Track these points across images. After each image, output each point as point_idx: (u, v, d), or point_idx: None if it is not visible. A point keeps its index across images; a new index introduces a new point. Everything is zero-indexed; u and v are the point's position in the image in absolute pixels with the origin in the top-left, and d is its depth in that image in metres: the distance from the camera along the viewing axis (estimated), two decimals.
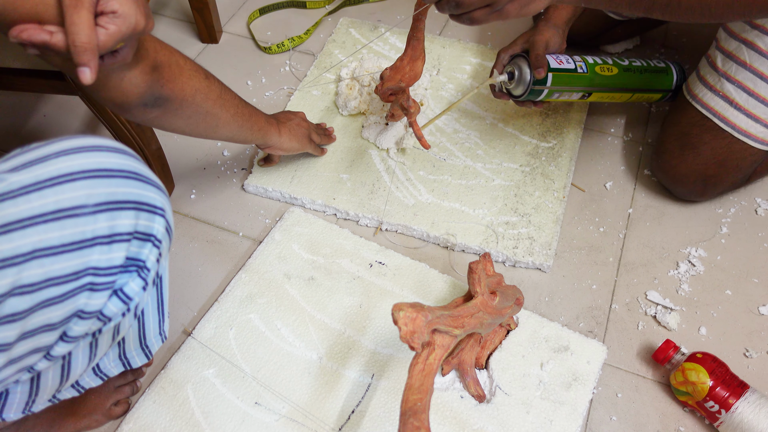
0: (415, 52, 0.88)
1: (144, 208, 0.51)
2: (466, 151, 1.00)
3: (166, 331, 0.63)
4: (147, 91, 0.62)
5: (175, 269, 0.90)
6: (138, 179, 0.51)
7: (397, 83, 0.89)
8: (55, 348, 0.50)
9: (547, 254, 0.89)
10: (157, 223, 0.52)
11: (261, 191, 0.97)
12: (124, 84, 0.59)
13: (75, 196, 0.46)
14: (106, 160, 0.49)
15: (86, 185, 0.47)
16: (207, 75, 0.71)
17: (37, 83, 0.84)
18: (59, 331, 0.49)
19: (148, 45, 0.61)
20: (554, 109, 1.06)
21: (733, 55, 0.85)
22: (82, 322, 0.50)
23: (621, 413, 0.77)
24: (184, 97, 0.67)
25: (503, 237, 0.91)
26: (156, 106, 0.65)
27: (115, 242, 0.49)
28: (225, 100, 0.74)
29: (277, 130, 0.87)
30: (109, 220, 0.48)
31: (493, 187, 0.96)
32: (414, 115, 0.81)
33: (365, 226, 0.95)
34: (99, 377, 0.62)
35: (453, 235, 0.91)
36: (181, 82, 0.66)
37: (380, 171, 0.98)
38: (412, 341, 0.54)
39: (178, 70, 0.66)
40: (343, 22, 1.22)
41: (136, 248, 0.51)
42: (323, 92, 1.09)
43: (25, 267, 0.44)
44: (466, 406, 0.76)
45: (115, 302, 0.51)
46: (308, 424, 0.74)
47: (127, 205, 0.49)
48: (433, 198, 0.95)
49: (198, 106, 0.70)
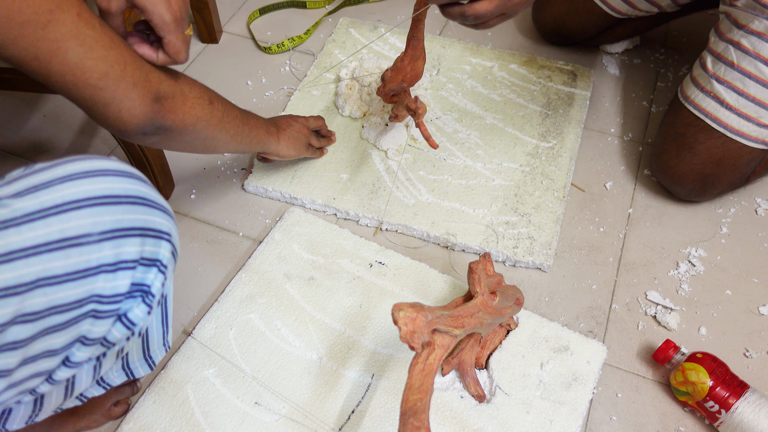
0: (416, 51, 0.88)
1: (150, 234, 0.51)
2: (466, 151, 1.00)
3: (170, 341, 0.63)
4: (147, 122, 0.61)
5: (176, 269, 0.89)
6: (144, 204, 0.50)
7: (399, 84, 0.89)
8: (57, 372, 0.50)
9: (548, 254, 0.89)
10: (163, 248, 0.52)
11: (261, 191, 0.97)
12: (123, 114, 0.58)
13: (80, 224, 0.46)
14: (112, 186, 0.48)
15: (92, 213, 0.47)
16: (211, 99, 0.70)
17: (37, 83, 0.84)
18: (61, 356, 0.49)
19: (152, 76, 0.60)
20: (554, 108, 1.06)
21: (721, 56, 0.86)
22: (85, 348, 0.50)
23: (621, 413, 0.77)
24: (185, 126, 0.66)
25: (503, 237, 0.91)
26: (155, 135, 0.64)
27: (120, 270, 0.49)
28: (226, 123, 0.73)
29: (276, 138, 0.86)
30: (115, 247, 0.48)
31: (493, 187, 0.96)
32: (422, 116, 0.82)
33: (365, 226, 0.95)
34: (102, 387, 0.62)
35: (453, 234, 0.91)
36: (183, 112, 0.65)
37: (380, 171, 0.98)
38: (412, 341, 0.54)
39: (182, 100, 0.65)
40: (343, 22, 1.22)
41: (141, 274, 0.51)
42: (323, 92, 1.09)
43: (28, 296, 0.44)
44: (466, 406, 0.76)
45: (119, 328, 0.51)
46: (308, 424, 0.74)
47: (133, 232, 0.49)
48: (433, 198, 0.95)
49: (198, 133, 0.69)
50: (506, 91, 1.09)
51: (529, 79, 1.11)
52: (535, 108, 1.06)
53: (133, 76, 0.57)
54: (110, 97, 0.56)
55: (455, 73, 1.12)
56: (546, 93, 1.09)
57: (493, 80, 1.11)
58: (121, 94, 0.57)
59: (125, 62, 0.56)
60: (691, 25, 1.23)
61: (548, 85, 1.10)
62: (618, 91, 1.12)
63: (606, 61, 1.17)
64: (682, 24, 1.23)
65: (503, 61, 1.14)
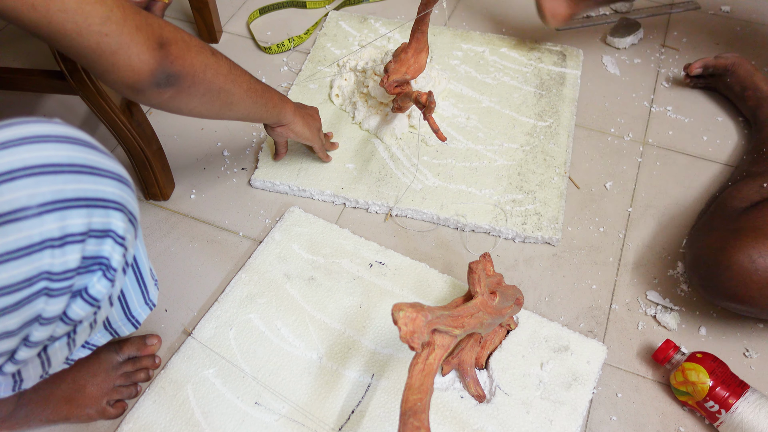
0: (419, 44, 0.90)
1: (98, 204, 0.47)
2: (466, 135, 1.03)
3: (154, 299, 0.62)
4: (157, 68, 0.59)
5: (175, 269, 0.90)
6: (90, 173, 0.47)
7: (403, 75, 0.91)
8: (18, 353, 0.49)
9: (555, 228, 0.92)
10: (114, 218, 0.49)
11: (269, 185, 0.98)
12: (134, 61, 0.57)
13: (15, 197, 0.43)
14: (53, 154, 0.45)
15: (28, 184, 0.43)
16: (213, 51, 0.69)
17: (37, 83, 0.84)
18: (19, 336, 0.47)
19: (152, 21, 0.59)
20: (547, 89, 1.09)
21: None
22: (43, 328, 0.48)
23: (621, 413, 0.77)
24: (195, 72, 0.65)
25: (511, 214, 0.93)
26: (169, 85, 0.62)
27: (68, 244, 0.46)
28: (236, 75, 0.72)
29: (292, 108, 0.85)
30: (59, 220, 0.45)
31: (496, 167, 0.99)
32: (433, 110, 0.82)
33: (375, 213, 0.96)
34: (87, 348, 0.60)
35: (463, 215, 0.93)
36: (190, 57, 0.64)
37: (385, 159, 1.00)
38: (412, 341, 0.54)
39: (185, 46, 0.63)
40: (332, 15, 1.24)
41: (94, 247, 0.48)
42: (320, 85, 1.10)
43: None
44: (466, 406, 0.76)
45: (80, 305, 0.49)
46: (308, 424, 0.74)
47: (78, 203, 0.46)
48: (440, 181, 0.97)
49: (210, 83, 0.67)
50: (499, 75, 1.12)
51: (521, 62, 1.14)
52: (529, 89, 1.09)
53: (135, 20, 0.56)
54: (116, 42, 0.55)
55: (448, 59, 1.14)
56: (538, 74, 1.12)
57: (485, 64, 1.13)
58: (127, 37, 0.55)
59: (123, 6, 0.55)
60: (691, 25, 1.23)
61: (539, 67, 1.13)
62: (618, 91, 1.12)
63: (606, 61, 1.17)
64: (683, 24, 1.23)
65: (493, 46, 1.17)
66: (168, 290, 0.87)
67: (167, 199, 0.98)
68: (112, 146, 1.04)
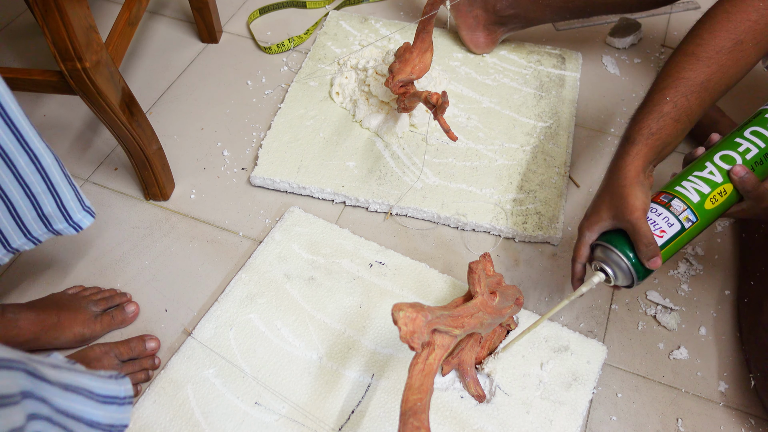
0: (425, 44, 0.91)
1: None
2: (467, 134, 1.03)
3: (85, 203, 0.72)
4: None
5: (175, 269, 0.90)
6: None
7: (408, 75, 0.91)
8: None
9: (556, 227, 0.92)
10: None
11: (269, 183, 0.98)
12: None
13: None
14: None
15: None
16: None
17: (37, 83, 0.84)
18: None
19: None
20: (547, 90, 1.10)
21: None
22: None
23: (621, 413, 0.77)
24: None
25: (512, 214, 0.93)
26: None
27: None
28: None
29: None
30: None
31: (497, 167, 0.99)
32: (444, 110, 0.82)
33: (375, 212, 0.96)
34: (31, 242, 0.70)
35: (463, 214, 0.93)
36: None
37: (386, 157, 1.00)
38: (412, 341, 0.54)
39: None
40: (332, 15, 1.24)
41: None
42: (320, 83, 1.11)
43: None
44: (466, 406, 0.76)
45: None
46: (308, 424, 0.74)
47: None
48: (440, 180, 0.97)
49: None
50: (499, 76, 1.12)
51: (520, 64, 1.14)
52: (529, 91, 1.10)
53: None
54: None
55: (448, 60, 1.15)
56: (537, 76, 1.12)
57: (485, 66, 1.14)
58: None
59: None
60: (691, 24, 1.23)
61: (539, 69, 1.14)
62: (618, 91, 1.12)
63: (606, 61, 1.17)
64: (683, 24, 1.23)
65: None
66: (168, 290, 0.87)
67: (167, 199, 0.98)
68: (112, 146, 1.04)
